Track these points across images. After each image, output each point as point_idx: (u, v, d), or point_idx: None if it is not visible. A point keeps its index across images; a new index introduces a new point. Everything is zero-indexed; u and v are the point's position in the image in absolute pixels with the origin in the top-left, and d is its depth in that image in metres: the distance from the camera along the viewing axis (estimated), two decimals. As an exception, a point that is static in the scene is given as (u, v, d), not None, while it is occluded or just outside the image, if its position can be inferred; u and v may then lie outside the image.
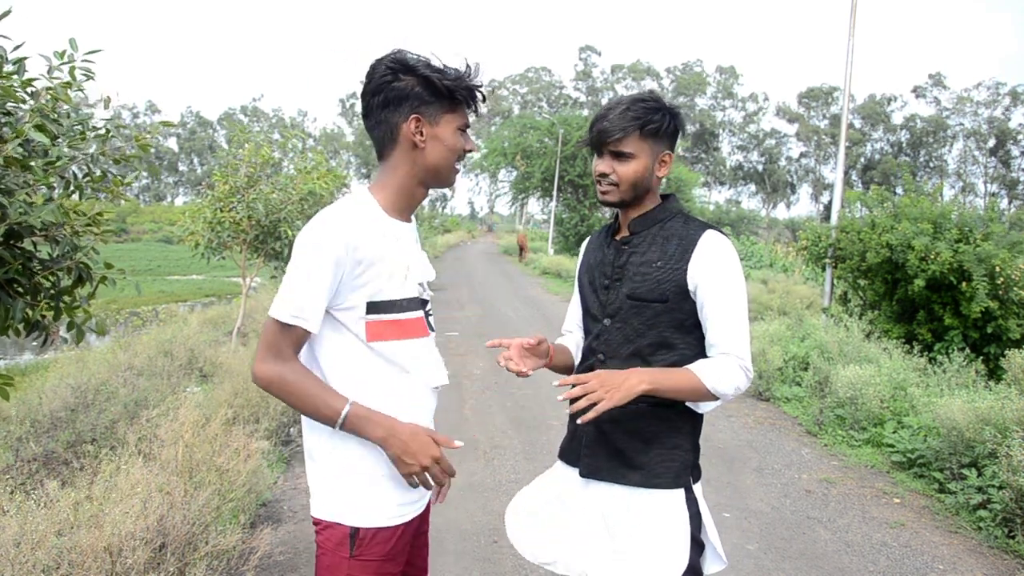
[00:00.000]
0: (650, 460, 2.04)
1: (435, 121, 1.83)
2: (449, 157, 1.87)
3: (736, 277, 2.00)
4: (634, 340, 2.07)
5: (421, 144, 1.83)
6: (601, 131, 2.06)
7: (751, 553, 4.36)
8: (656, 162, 2.08)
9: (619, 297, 2.10)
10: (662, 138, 2.06)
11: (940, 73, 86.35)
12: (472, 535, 4.47)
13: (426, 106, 1.81)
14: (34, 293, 2.95)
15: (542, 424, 6.90)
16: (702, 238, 2.02)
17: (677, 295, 2.01)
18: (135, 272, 28.63)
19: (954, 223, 9.64)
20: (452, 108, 1.84)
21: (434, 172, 1.88)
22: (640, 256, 2.09)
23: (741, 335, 1.98)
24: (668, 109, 2.07)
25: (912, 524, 4.89)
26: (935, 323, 9.65)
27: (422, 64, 1.80)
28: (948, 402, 5.79)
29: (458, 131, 1.87)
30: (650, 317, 2.04)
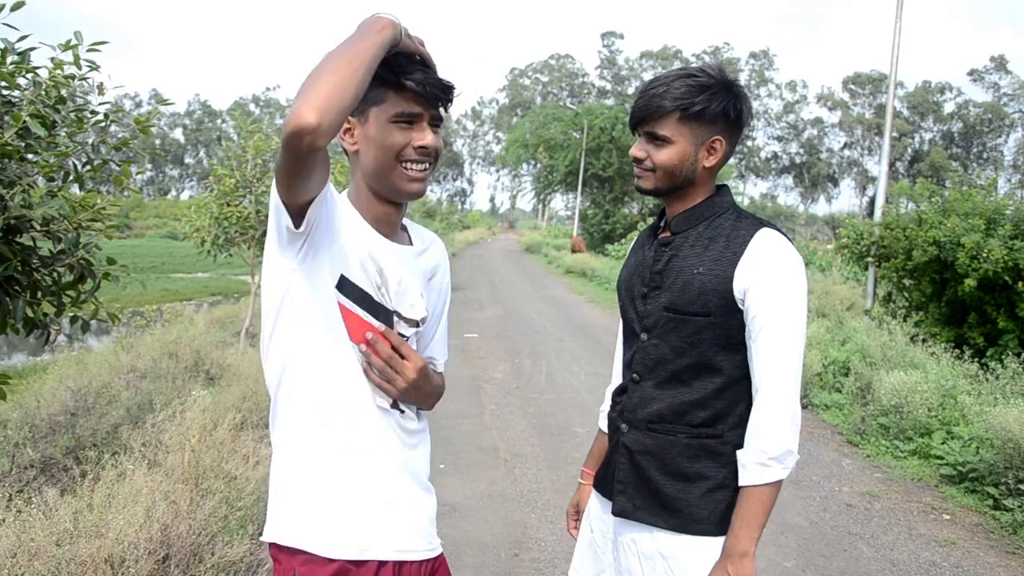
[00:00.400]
0: (693, 501, 1.87)
1: (363, 118, 1.60)
2: (381, 159, 1.59)
3: (795, 289, 1.78)
4: (672, 360, 1.87)
5: (352, 148, 1.63)
6: (636, 109, 1.89)
7: (788, 571, 4.32)
8: (702, 149, 1.85)
9: (657, 309, 1.90)
10: (711, 121, 1.83)
11: (1003, 56, 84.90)
12: (492, 548, 4.46)
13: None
14: (34, 291, 2.98)
15: (566, 431, 6.88)
16: (755, 238, 1.81)
17: (722, 307, 1.80)
18: (138, 270, 28.83)
19: (1009, 218, 9.50)
20: (379, 97, 1.57)
21: (376, 180, 1.63)
22: (681, 260, 1.88)
23: (786, 368, 1.76)
24: (722, 87, 1.83)
25: (964, 543, 4.82)
26: (988, 326, 9.51)
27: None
28: (1003, 411, 5.70)
29: (392, 123, 1.58)
30: (691, 333, 1.84)
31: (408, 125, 1.59)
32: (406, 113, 1.58)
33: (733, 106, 1.84)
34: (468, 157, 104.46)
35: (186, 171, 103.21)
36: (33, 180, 2.90)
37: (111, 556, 3.07)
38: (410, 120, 1.59)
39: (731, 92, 1.84)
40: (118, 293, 5.38)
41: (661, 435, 1.89)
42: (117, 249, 4.28)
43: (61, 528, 3.21)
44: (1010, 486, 5.30)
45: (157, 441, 4.71)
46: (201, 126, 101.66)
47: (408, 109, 1.58)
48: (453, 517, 4.81)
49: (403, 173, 1.61)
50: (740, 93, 1.86)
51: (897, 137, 74.87)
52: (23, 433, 5.39)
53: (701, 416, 1.86)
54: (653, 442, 1.89)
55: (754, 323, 1.78)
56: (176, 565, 3.30)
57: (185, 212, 9.64)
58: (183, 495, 3.67)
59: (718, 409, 1.85)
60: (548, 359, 10.37)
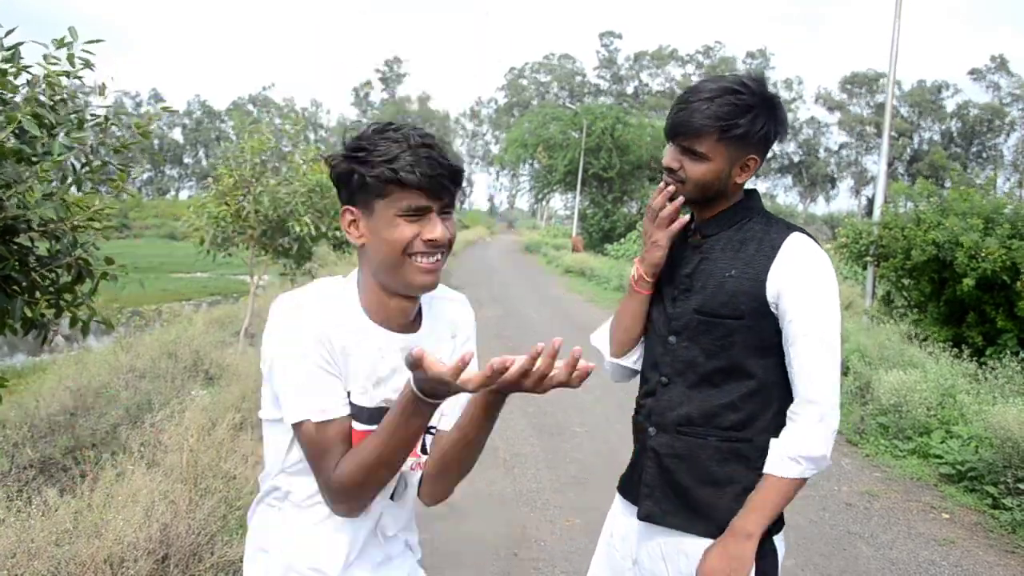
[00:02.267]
0: (721, 506, 1.85)
1: (368, 211, 1.51)
2: (387, 254, 1.49)
3: (828, 292, 1.79)
4: (703, 363, 1.86)
5: (359, 241, 1.54)
6: (675, 123, 1.84)
7: (788, 569, 4.32)
8: (736, 167, 1.84)
9: (687, 311, 1.88)
10: (750, 142, 1.82)
11: (1003, 56, 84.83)
12: (492, 548, 4.46)
13: (355, 195, 1.51)
14: (31, 291, 2.97)
15: (566, 431, 6.88)
16: (787, 242, 1.81)
17: (755, 310, 1.80)
18: (137, 270, 28.76)
19: (1007, 218, 9.50)
20: (383, 192, 1.47)
21: (383, 275, 1.54)
22: (712, 263, 1.87)
23: (826, 372, 1.77)
24: (764, 106, 1.81)
25: (963, 542, 4.82)
26: (987, 325, 9.51)
27: (351, 142, 1.52)
28: (1002, 410, 5.71)
29: (399, 217, 1.48)
30: (722, 336, 1.83)
31: (416, 218, 1.49)
32: (413, 207, 1.48)
33: (772, 128, 1.83)
34: (467, 157, 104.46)
35: (185, 171, 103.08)
36: (30, 183, 2.89)
37: (110, 556, 3.06)
38: (418, 213, 1.49)
39: (772, 112, 1.83)
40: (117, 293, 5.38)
41: (691, 438, 1.88)
42: (116, 249, 4.28)
43: (60, 528, 3.21)
44: (1009, 485, 5.31)
45: (156, 441, 4.71)
46: (200, 126, 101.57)
47: (415, 203, 1.47)
48: (452, 517, 4.81)
49: (413, 266, 1.51)
50: (780, 112, 1.86)
51: (896, 137, 74.86)
52: (22, 433, 5.38)
53: (732, 419, 1.85)
54: (683, 446, 1.88)
55: (791, 328, 1.79)
56: (175, 565, 3.29)
57: (184, 212, 9.65)
58: (182, 495, 3.66)
59: (748, 412, 1.85)
60: (547, 359, 10.35)
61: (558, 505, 5.07)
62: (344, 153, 1.52)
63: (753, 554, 1.78)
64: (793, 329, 1.78)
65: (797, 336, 1.78)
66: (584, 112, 40.16)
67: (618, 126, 38.45)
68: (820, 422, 1.77)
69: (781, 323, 1.80)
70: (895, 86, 12.09)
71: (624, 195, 39.21)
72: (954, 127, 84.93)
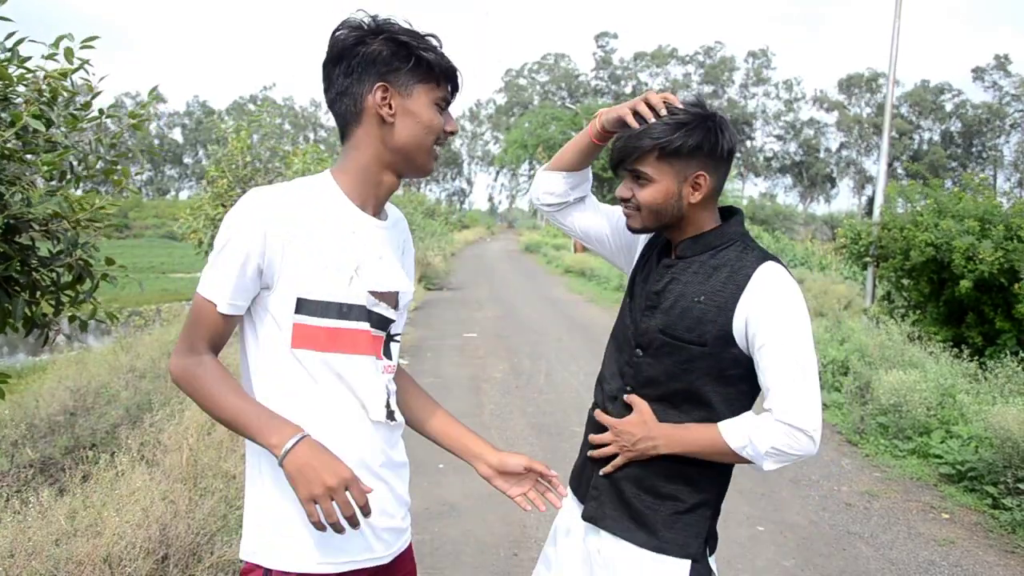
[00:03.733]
0: (660, 520, 1.87)
1: (407, 91, 1.60)
2: (423, 137, 1.62)
3: (799, 322, 1.76)
4: (664, 383, 1.87)
5: (389, 119, 1.60)
6: (615, 151, 1.89)
7: (787, 569, 4.31)
8: (685, 185, 1.83)
9: (652, 328, 1.88)
10: (692, 157, 1.80)
11: (1007, 56, 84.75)
12: (491, 547, 4.46)
13: (395, 73, 1.58)
14: (32, 290, 2.97)
15: (564, 431, 6.88)
16: (756, 273, 1.78)
17: (718, 339, 1.79)
18: (137, 270, 28.92)
19: (1001, 220, 9.50)
20: (428, 78, 1.61)
21: (405, 154, 1.64)
22: (682, 285, 1.86)
23: (798, 391, 1.73)
24: (699, 121, 1.81)
25: (963, 542, 4.82)
26: (986, 326, 9.52)
27: (394, 26, 1.61)
28: (1001, 410, 5.70)
29: (435, 105, 1.63)
30: (684, 360, 1.83)
31: (442, 110, 1.65)
32: (446, 99, 1.66)
33: (709, 140, 1.80)
34: (467, 157, 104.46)
35: (185, 171, 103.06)
36: (32, 180, 2.89)
37: (109, 555, 3.06)
38: (446, 105, 1.67)
39: (709, 126, 1.81)
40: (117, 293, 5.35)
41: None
42: (116, 249, 4.28)
43: (59, 527, 3.21)
44: (1009, 485, 5.30)
45: (156, 441, 4.71)
46: (200, 126, 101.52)
47: (448, 96, 1.66)
48: (452, 516, 4.81)
49: (433, 152, 1.67)
50: (720, 126, 1.83)
51: (896, 137, 74.87)
52: (21, 432, 5.38)
53: None
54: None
55: (763, 356, 1.76)
56: (175, 564, 3.29)
57: (183, 213, 9.64)
58: (182, 494, 3.66)
59: None
60: (547, 359, 10.37)
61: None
62: (394, 32, 1.60)
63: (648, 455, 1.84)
64: (765, 360, 1.75)
65: (771, 365, 1.75)
66: (585, 112, 40.18)
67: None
68: (782, 431, 1.73)
69: (752, 352, 1.78)
70: (895, 86, 12.08)
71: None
72: (954, 128, 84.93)
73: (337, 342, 1.59)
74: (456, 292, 18.86)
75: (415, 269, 19.00)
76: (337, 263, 1.58)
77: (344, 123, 1.64)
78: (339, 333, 1.59)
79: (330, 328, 1.58)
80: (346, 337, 1.60)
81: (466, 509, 4.95)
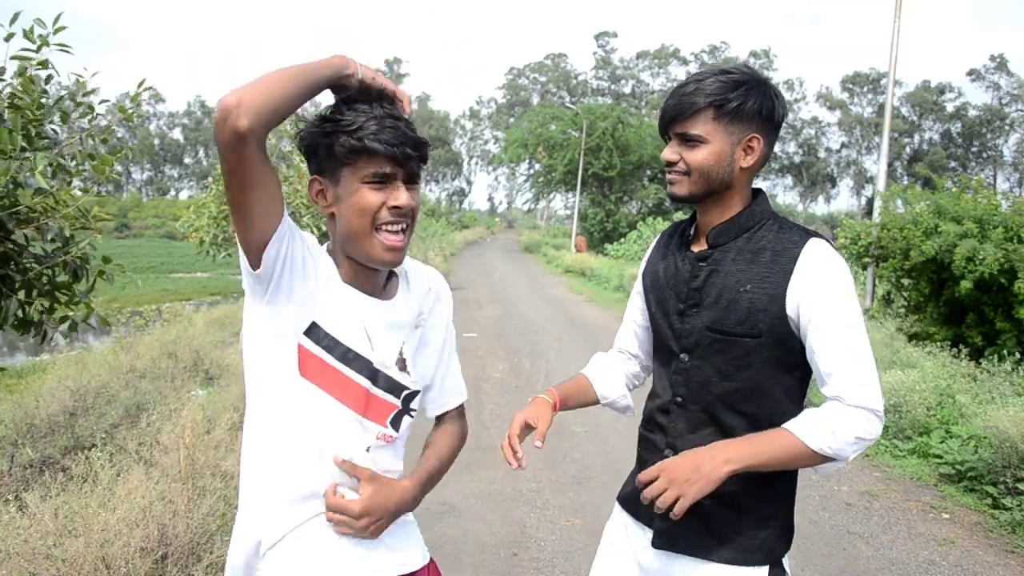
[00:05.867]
0: (742, 531, 1.75)
1: (335, 180, 1.53)
2: (355, 222, 1.51)
3: (852, 301, 1.66)
4: (718, 383, 1.74)
5: (327, 210, 1.55)
6: (667, 109, 1.76)
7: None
8: (738, 148, 1.72)
9: (697, 328, 1.76)
10: (747, 119, 1.71)
11: (1003, 56, 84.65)
12: (491, 547, 4.45)
13: (321, 164, 1.53)
14: (28, 289, 2.96)
15: (564, 431, 6.87)
16: (805, 250, 1.68)
17: (774, 327, 1.68)
18: (136, 269, 28.95)
19: (1000, 221, 9.48)
20: (350, 158, 1.49)
21: (350, 245, 1.55)
22: (723, 276, 1.74)
23: (863, 371, 1.62)
24: (756, 83, 1.72)
25: (963, 542, 4.81)
26: (986, 326, 9.51)
27: (314, 115, 1.55)
28: (1001, 411, 5.70)
29: (365, 184, 1.50)
30: (739, 356, 1.71)
31: (381, 185, 1.51)
32: (379, 174, 1.50)
33: (768, 103, 1.73)
34: (466, 156, 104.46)
35: (185, 171, 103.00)
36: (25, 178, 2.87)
37: (108, 555, 3.06)
38: (383, 180, 1.51)
39: (764, 88, 1.73)
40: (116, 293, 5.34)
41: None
42: (115, 249, 4.27)
43: (58, 527, 3.20)
44: (1008, 485, 5.30)
45: (155, 441, 4.70)
46: (200, 126, 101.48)
47: (380, 170, 1.50)
48: (452, 516, 4.81)
49: (379, 241, 1.53)
50: (775, 90, 1.76)
51: (896, 137, 74.89)
52: (21, 432, 5.38)
53: None
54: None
55: (817, 334, 1.66)
56: (174, 564, 3.29)
57: (184, 212, 9.64)
58: (180, 494, 3.66)
59: None
60: (547, 358, 10.36)
61: (558, 505, 5.07)
62: (312, 124, 1.54)
63: (718, 478, 1.60)
64: (819, 337, 1.65)
65: (826, 342, 1.65)
66: (585, 112, 40.16)
67: (619, 126, 38.46)
68: (855, 416, 1.62)
69: (805, 335, 1.67)
70: (896, 86, 12.08)
71: (625, 195, 39.20)
72: (954, 128, 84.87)
73: (339, 388, 1.55)
74: (456, 292, 18.64)
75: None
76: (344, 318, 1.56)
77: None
78: (341, 380, 1.55)
79: (329, 366, 1.54)
80: (348, 388, 1.56)
81: (466, 509, 4.95)
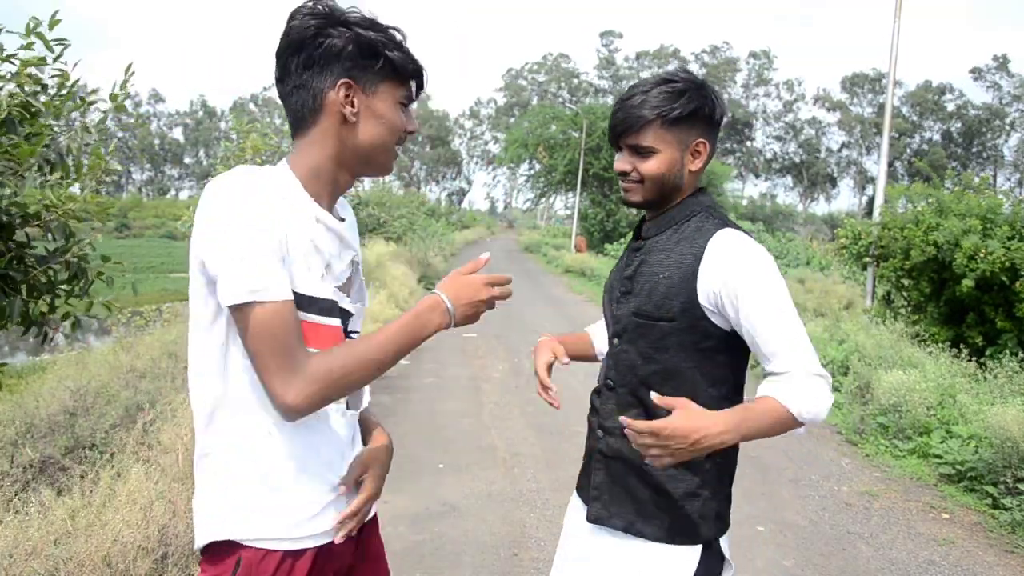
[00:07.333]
0: (668, 510, 1.82)
1: (372, 90, 1.53)
2: (386, 137, 1.56)
3: (769, 275, 1.72)
4: (641, 366, 1.84)
5: (352, 117, 1.52)
6: (615, 123, 1.86)
7: (787, 569, 4.31)
8: (687, 153, 1.83)
9: (626, 314, 1.88)
10: (692, 124, 1.81)
11: (1006, 56, 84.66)
12: (491, 548, 4.45)
13: (361, 71, 1.51)
14: (30, 289, 2.97)
15: (565, 430, 6.87)
16: (713, 238, 1.76)
17: (686, 311, 1.76)
18: (137, 269, 28.98)
19: (1005, 218, 9.49)
20: (394, 77, 1.54)
21: (365, 155, 1.57)
22: (650, 265, 1.85)
23: (800, 342, 1.69)
24: (697, 89, 1.81)
25: (963, 542, 4.81)
26: (987, 326, 9.51)
27: (360, 19, 1.52)
28: (1001, 410, 5.70)
29: (399, 105, 1.57)
30: (657, 339, 1.81)
31: (404, 109, 1.59)
32: (410, 98, 1.59)
33: (707, 105, 1.82)
34: (466, 156, 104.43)
35: (185, 171, 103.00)
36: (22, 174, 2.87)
37: (109, 555, 3.06)
38: (407, 104, 1.60)
39: (706, 93, 1.82)
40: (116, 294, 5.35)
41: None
42: (115, 249, 4.27)
43: (58, 527, 3.21)
44: (1008, 485, 5.30)
45: (155, 441, 4.71)
46: (201, 126, 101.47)
47: (412, 95, 1.60)
48: (452, 516, 4.80)
49: (394, 153, 1.61)
50: (714, 92, 1.85)
51: (896, 136, 74.90)
52: (21, 433, 5.38)
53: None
54: (628, 449, 1.83)
55: (746, 318, 1.71)
56: (174, 564, 3.29)
57: (185, 212, 9.64)
58: (180, 494, 3.66)
59: None
60: (547, 358, 10.35)
61: (558, 505, 5.06)
62: (361, 25, 1.51)
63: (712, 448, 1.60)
64: (749, 320, 1.70)
65: (757, 323, 1.70)
66: (585, 112, 40.16)
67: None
68: (819, 384, 1.68)
69: (736, 323, 1.73)
70: (896, 86, 12.08)
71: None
72: (954, 128, 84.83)
73: (314, 338, 1.50)
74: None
75: (416, 269, 18.75)
76: (312, 259, 1.52)
77: (299, 118, 1.54)
78: (317, 328, 1.51)
79: (308, 323, 1.49)
80: (322, 333, 1.52)
81: (466, 509, 4.95)
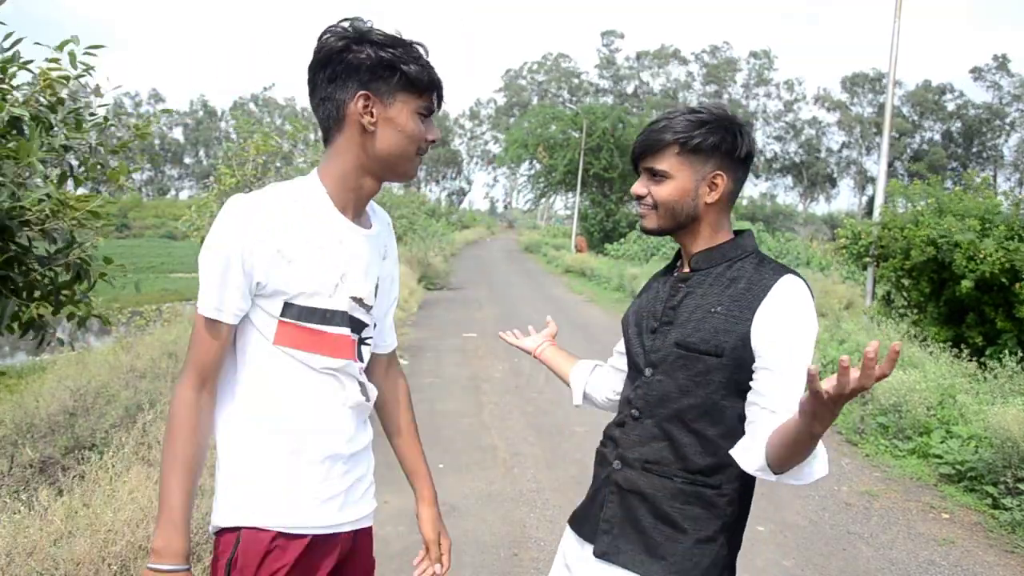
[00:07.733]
0: (678, 551, 1.77)
1: (389, 100, 1.63)
2: (405, 146, 1.66)
3: (809, 335, 1.72)
4: (677, 399, 1.79)
5: (370, 127, 1.63)
6: (636, 145, 1.87)
7: (787, 569, 4.31)
8: (702, 184, 1.81)
9: (666, 344, 1.82)
10: (711, 156, 1.79)
11: (1006, 55, 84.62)
12: (491, 548, 4.45)
13: (378, 83, 1.61)
14: (30, 290, 2.97)
15: (565, 430, 6.87)
16: (777, 284, 1.74)
17: (736, 349, 1.72)
18: (137, 269, 28.88)
19: (1003, 219, 9.49)
20: (411, 88, 1.64)
21: (387, 162, 1.67)
22: (698, 297, 1.81)
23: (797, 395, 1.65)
24: (721, 122, 1.80)
25: (963, 542, 4.81)
26: (987, 326, 9.52)
27: (382, 37, 1.63)
28: (1001, 410, 5.70)
29: (416, 115, 1.66)
30: (699, 373, 1.76)
31: (424, 119, 1.68)
32: (429, 109, 1.68)
33: (727, 140, 1.80)
34: (466, 156, 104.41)
35: (185, 171, 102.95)
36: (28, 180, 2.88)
37: (108, 555, 3.06)
38: (428, 114, 1.69)
39: (728, 127, 1.81)
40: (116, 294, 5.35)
41: (656, 476, 1.80)
42: (116, 249, 4.28)
43: (58, 527, 3.21)
44: (1008, 485, 5.30)
45: (156, 441, 4.70)
46: (201, 126, 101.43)
47: (431, 106, 1.68)
48: (452, 516, 4.80)
49: (416, 161, 1.70)
50: (741, 129, 1.83)
51: (896, 136, 74.89)
52: (22, 432, 5.38)
53: (701, 464, 1.77)
54: (647, 483, 1.80)
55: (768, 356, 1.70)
56: (174, 565, 3.29)
57: (184, 212, 9.64)
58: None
59: (720, 458, 1.76)
60: (547, 359, 10.35)
61: (558, 505, 5.07)
62: (379, 42, 1.62)
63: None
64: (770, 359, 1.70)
65: (775, 364, 1.69)
66: (585, 112, 40.16)
67: (619, 126, 38.46)
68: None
69: (755, 359, 1.72)
70: (896, 86, 12.09)
71: (625, 195, 39.21)
72: (954, 128, 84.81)
73: (319, 344, 1.66)
74: (456, 292, 18.86)
75: (416, 269, 18.70)
76: (324, 271, 1.64)
77: (326, 128, 1.67)
78: (322, 336, 1.66)
79: (313, 330, 1.65)
80: (328, 340, 1.67)
81: (466, 509, 4.95)
